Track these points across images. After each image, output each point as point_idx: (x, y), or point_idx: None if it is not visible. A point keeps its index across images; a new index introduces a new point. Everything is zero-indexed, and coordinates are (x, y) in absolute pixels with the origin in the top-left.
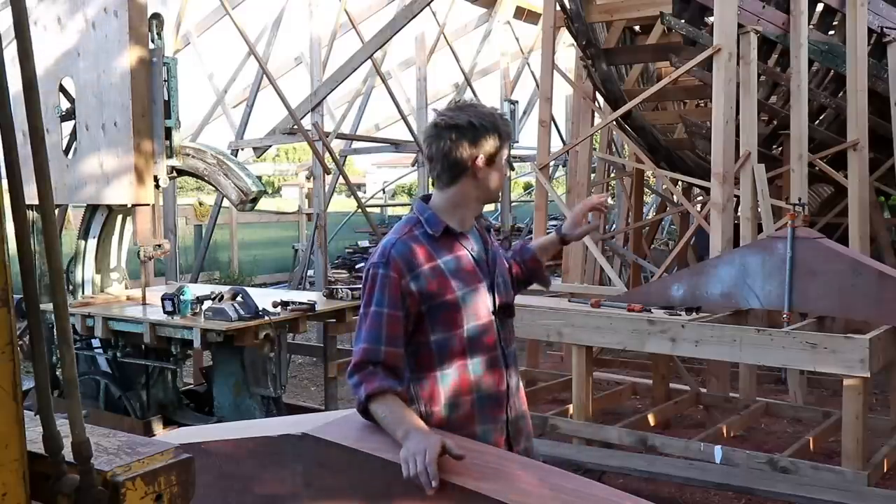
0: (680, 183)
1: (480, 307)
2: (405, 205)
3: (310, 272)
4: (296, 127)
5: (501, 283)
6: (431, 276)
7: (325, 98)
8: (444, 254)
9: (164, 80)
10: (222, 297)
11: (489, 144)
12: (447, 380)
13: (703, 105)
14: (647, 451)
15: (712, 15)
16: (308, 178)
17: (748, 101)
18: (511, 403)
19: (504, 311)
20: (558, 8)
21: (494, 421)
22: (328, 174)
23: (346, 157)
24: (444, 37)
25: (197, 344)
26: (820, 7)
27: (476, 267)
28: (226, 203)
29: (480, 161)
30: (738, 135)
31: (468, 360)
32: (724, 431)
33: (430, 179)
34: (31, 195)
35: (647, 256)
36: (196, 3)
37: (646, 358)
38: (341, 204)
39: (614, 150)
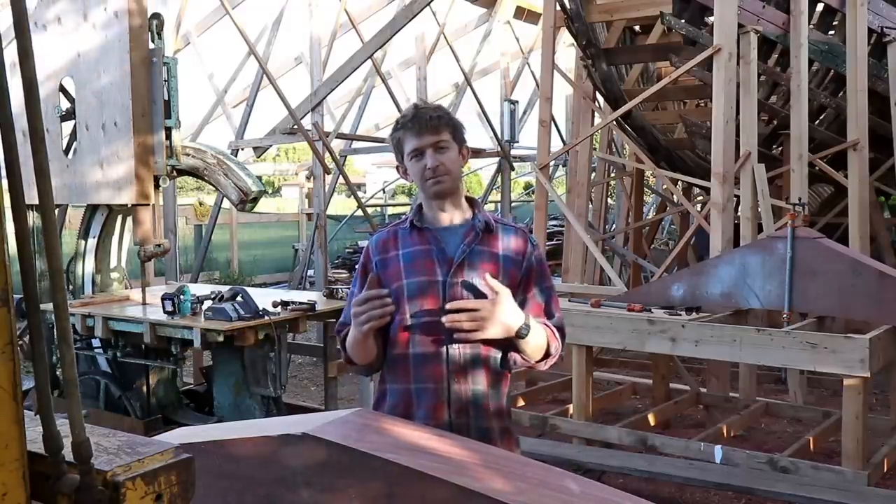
0: (680, 183)
1: (426, 301)
2: (405, 205)
3: (310, 272)
4: (296, 127)
5: (462, 284)
6: (388, 263)
7: (325, 98)
8: (408, 245)
9: (164, 80)
10: (222, 297)
11: (395, 150)
12: (392, 363)
13: (703, 105)
14: (647, 451)
15: (712, 15)
16: (308, 178)
17: (748, 101)
18: (456, 406)
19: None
20: (558, 8)
21: (434, 418)
22: (328, 174)
23: (346, 157)
24: (444, 37)
25: (197, 344)
26: (820, 7)
27: (434, 261)
28: (226, 203)
29: (401, 169)
30: (738, 135)
31: (410, 349)
32: (724, 431)
33: None
34: (31, 195)
35: (647, 256)
36: (196, 3)
37: (646, 358)
38: (341, 204)
39: (614, 150)
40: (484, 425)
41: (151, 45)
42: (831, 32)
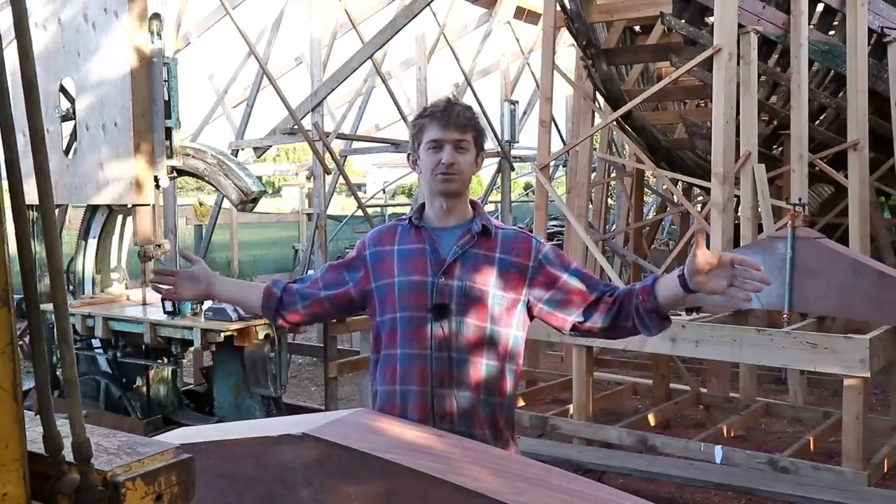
0: (680, 183)
1: (416, 300)
2: (405, 205)
3: (310, 272)
4: (296, 127)
5: (455, 286)
6: (383, 257)
7: (325, 98)
8: (405, 242)
9: (165, 80)
10: None
11: (412, 137)
12: (382, 363)
13: (703, 105)
14: (647, 451)
15: (712, 15)
16: (308, 178)
17: (748, 101)
18: (439, 411)
19: (440, 312)
20: (558, 8)
21: (419, 421)
22: (328, 174)
23: (346, 157)
24: (444, 37)
25: (197, 344)
26: (820, 7)
27: (426, 261)
28: (226, 203)
29: (411, 158)
30: (738, 135)
31: (398, 349)
32: (724, 431)
33: None
34: (31, 195)
35: (647, 256)
36: (196, 3)
37: (646, 358)
38: (341, 204)
39: (614, 150)
40: (471, 433)
41: (151, 45)
42: (831, 32)
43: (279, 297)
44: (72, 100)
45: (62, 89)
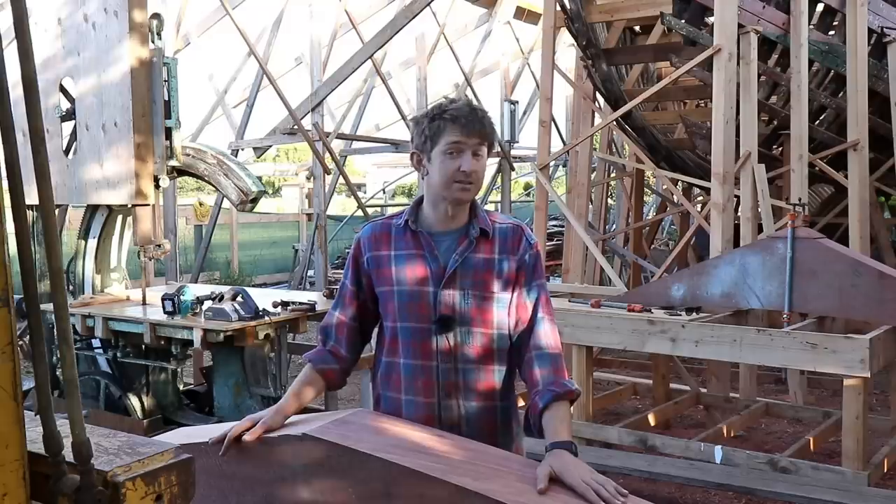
0: (680, 183)
1: (418, 311)
2: (405, 205)
3: (310, 272)
4: (296, 127)
5: (458, 295)
6: (380, 262)
7: (325, 98)
8: (402, 246)
9: (165, 80)
10: (222, 297)
11: (424, 137)
12: (385, 369)
13: (703, 105)
14: (647, 451)
15: (712, 15)
16: (308, 179)
17: (748, 101)
18: (447, 423)
19: (444, 324)
20: (558, 8)
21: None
22: (328, 174)
23: (346, 157)
24: (444, 37)
25: (197, 344)
26: (820, 7)
27: (427, 270)
28: (226, 203)
29: (416, 158)
30: (738, 135)
31: (401, 359)
32: (724, 431)
33: None
34: (31, 195)
35: (647, 256)
36: (196, 3)
37: (646, 358)
38: (341, 204)
39: (614, 150)
40: (483, 441)
41: (151, 45)
42: (831, 32)
43: (339, 368)
44: (72, 100)
45: (62, 89)
